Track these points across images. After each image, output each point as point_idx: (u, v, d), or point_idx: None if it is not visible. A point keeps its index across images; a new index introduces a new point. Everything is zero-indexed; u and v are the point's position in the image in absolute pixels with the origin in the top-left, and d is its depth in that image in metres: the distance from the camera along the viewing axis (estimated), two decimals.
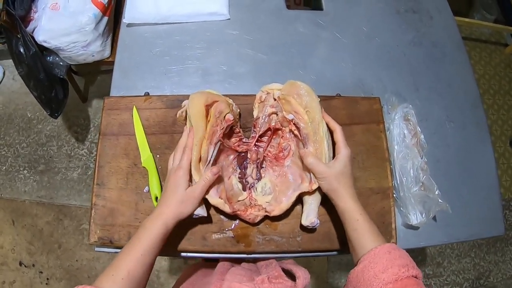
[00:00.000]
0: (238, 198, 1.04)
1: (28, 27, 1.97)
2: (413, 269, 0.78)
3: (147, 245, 0.86)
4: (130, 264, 0.83)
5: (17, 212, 2.74)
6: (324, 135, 1.00)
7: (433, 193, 1.17)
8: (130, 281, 0.82)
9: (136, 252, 0.85)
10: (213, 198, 0.99)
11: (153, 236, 0.88)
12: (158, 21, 1.44)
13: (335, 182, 0.95)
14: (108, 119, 1.18)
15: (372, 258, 0.81)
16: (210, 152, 0.99)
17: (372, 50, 1.49)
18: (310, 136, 1.00)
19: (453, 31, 1.59)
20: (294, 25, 1.50)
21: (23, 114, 2.99)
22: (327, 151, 1.00)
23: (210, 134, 0.99)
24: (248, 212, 1.02)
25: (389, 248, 0.82)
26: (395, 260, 0.79)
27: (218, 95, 1.08)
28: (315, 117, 1.01)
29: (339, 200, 0.94)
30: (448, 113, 1.40)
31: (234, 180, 1.06)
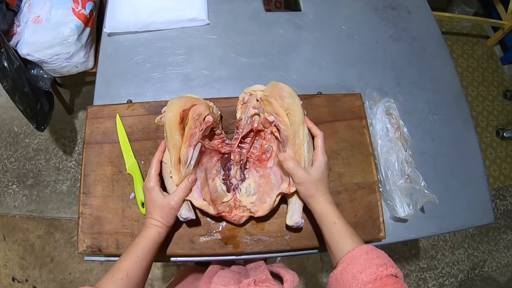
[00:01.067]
0: (223, 200, 1.05)
1: (12, 41, 1.96)
2: (391, 267, 0.78)
3: (143, 249, 0.92)
4: (129, 265, 0.88)
5: (7, 228, 2.72)
6: (304, 138, 1.00)
7: (419, 185, 1.18)
8: (129, 281, 0.87)
9: (134, 254, 0.90)
10: (197, 200, 0.99)
11: (147, 241, 0.94)
12: (138, 29, 1.44)
13: (313, 188, 0.96)
14: (91, 127, 1.18)
15: (350, 260, 0.82)
16: (190, 154, 0.99)
17: (352, 47, 1.50)
18: (290, 139, 1.00)
19: (432, 25, 1.61)
20: (273, 27, 1.51)
21: (10, 129, 2.97)
22: (307, 154, 1.00)
23: (188, 136, 0.99)
24: (233, 213, 1.03)
25: (366, 249, 0.83)
26: (373, 260, 0.79)
27: (197, 99, 1.08)
28: (295, 120, 1.01)
29: (316, 205, 0.96)
30: (431, 106, 1.41)
31: (218, 182, 1.07)
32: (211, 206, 1.00)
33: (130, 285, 0.87)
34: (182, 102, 1.03)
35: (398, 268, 0.80)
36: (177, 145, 0.98)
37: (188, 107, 1.03)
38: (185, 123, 1.01)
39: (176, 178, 0.98)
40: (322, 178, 0.98)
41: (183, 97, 1.07)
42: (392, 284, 0.74)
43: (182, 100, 1.04)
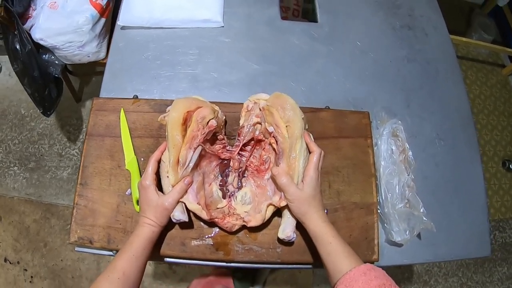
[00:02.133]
0: (217, 206, 1.04)
1: (26, 24, 1.96)
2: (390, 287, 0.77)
3: (138, 247, 0.92)
4: (125, 264, 0.89)
5: (4, 208, 2.72)
6: (301, 153, 0.98)
7: (418, 211, 1.16)
8: (126, 280, 0.87)
9: (129, 253, 0.91)
10: (191, 203, 0.99)
11: (141, 240, 0.94)
12: (151, 25, 1.44)
13: (305, 205, 0.95)
14: (95, 119, 1.18)
15: (348, 282, 0.80)
16: (189, 156, 0.98)
17: (365, 64, 1.48)
18: (285, 152, 0.99)
19: (448, 49, 1.59)
20: (288, 36, 1.50)
21: (17, 111, 2.98)
22: (301, 169, 0.98)
23: (189, 138, 0.99)
24: (226, 220, 1.02)
25: (364, 270, 0.81)
26: (371, 282, 0.78)
27: (203, 101, 1.08)
28: (294, 133, 0.99)
29: (310, 224, 0.94)
30: (438, 131, 1.40)
31: (214, 187, 1.06)
32: (204, 211, 0.99)
33: (127, 284, 0.87)
34: (187, 103, 1.03)
35: (397, 286, 0.79)
36: (177, 145, 0.97)
37: (193, 108, 1.02)
38: (188, 124, 1.01)
39: (173, 178, 0.97)
40: (315, 194, 0.96)
41: (189, 98, 1.07)
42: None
43: (188, 101, 1.04)
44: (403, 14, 1.63)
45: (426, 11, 1.66)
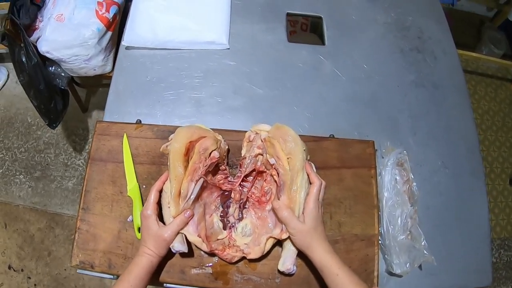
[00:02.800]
0: (218, 237, 1.03)
1: (32, 36, 1.97)
2: None
3: (135, 277, 0.93)
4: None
5: (10, 216, 2.73)
6: (302, 186, 0.97)
7: (419, 244, 1.15)
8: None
9: (127, 283, 0.92)
10: (192, 235, 0.98)
11: (140, 270, 0.94)
12: (156, 46, 1.44)
13: (308, 238, 0.94)
14: (98, 144, 1.18)
15: None
16: (191, 189, 0.98)
17: (371, 89, 1.47)
18: (287, 184, 0.98)
19: (457, 73, 1.57)
20: (293, 58, 1.49)
21: (24, 119, 2.99)
22: (302, 201, 0.97)
23: (191, 170, 0.98)
24: (226, 252, 1.02)
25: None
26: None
27: (206, 131, 1.07)
28: (295, 165, 0.99)
29: (315, 255, 0.94)
30: (443, 159, 1.38)
31: (215, 218, 1.06)
32: (205, 243, 0.99)
33: None
34: (189, 133, 1.02)
35: None
36: (179, 177, 0.97)
37: (195, 139, 1.02)
38: (190, 155, 1.01)
39: (174, 210, 0.97)
40: (316, 226, 0.96)
41: (191, 127, 1.06)
42: None
43: (190, 131, 1.03)
44: (412, 36, 1.62)
45: (435, 33, 1.64)
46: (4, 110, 3.01)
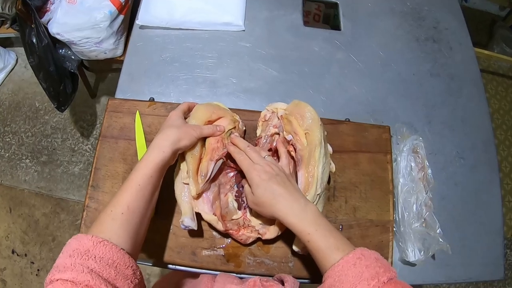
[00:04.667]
0: (233, 217, 1.01)
1: (43, 18, 1.96)
2: (383, 275, 0.70)
3: (145, 174, 0.83)
4: (129, 197, 0.80)
5: (15, 200, 2.73)
6: (320, 160, 0.95)
7: (434, 231, 1.13)
8: (131, 215, 0.78)
9: (134, 183, 0.82)
10: (207, 214, 0.96)
11: (149, 165, 0.85)
12: (171, 26, 1.42)
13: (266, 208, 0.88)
14: (109, 121, 1.15)
15: (338, 276, 0.72)
16: (210, 168, 0.96)
17: (387, 76, 1.45)
18: (304, 159, 0.96)
19: (472, 65, 1.55)
20: (309, 43, 1.47)
21: (31, 104, 2.99)
22: (320, 175, 0.95)
23: (209, 150, 0.97)
24: (241, 232, 0.99)
25: (353, 260, 0.73)
26: (363, 274, 0.70)
27: (225, 110, 1.06)
28: (313, 140, 0.97)
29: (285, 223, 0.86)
30: (459, 150, 1.36)
31: (230, 197, 1.03)
32: (220, 222, 0.97)
33: (132, 219, 0.78)
34: (209, 112, 1.01)
35: (392, 268, 0.73)
36: (195, 156, 0.95)
37: (214, 118, 1.02)
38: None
39: (193, 189, 0.94)
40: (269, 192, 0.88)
41: (211, 105, 1.05)
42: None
43: (210, 110, 1.02)
44: (428, 26, 1.60)
45: (451, 24, 1.62)
46: (12, 94, 3.01)
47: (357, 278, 0.70)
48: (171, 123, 0.95)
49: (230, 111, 1.08)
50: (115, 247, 0.70)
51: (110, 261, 0.68)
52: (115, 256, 0.69)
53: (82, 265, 0.64)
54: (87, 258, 0.66)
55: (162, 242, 1.03)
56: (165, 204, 1.03)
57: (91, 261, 0.66)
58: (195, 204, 0.96)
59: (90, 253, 0.67)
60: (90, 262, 0.65)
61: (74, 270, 0.63)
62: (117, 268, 0.68)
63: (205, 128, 0.96)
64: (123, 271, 0.69)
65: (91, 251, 0.67)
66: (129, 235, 0.77)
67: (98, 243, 0.69)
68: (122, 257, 0.70)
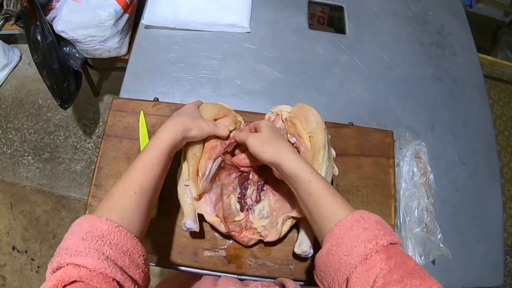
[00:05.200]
0: (235, 218, 1.01)
1: (48, 15, 1.97)
2: (383, 238, 0.67)
3: (158, 154, 0.82)
4: (142, 176, 0.78)
5: (16, 197, 2.73)
6: (324, 163, 0.95)
7: (435, 237, 1.14)
8: (143, 194, 0.77)
9: (147, 163, 0.80)
10: (210, 215, 0.96)
11: (163, 145, 0.84)
12: (176, 26, 1.42)
13: (272, 146, 0.87)
14: (113, 120, 1.15)
15: (335, 240, 0.70)
16: (208, 167, 0.96)
17: (391, 80, 1.45)
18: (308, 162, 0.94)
19: (475, 70, 1.55)
20: (313, 45, 1.48)
21: (34, 100, 2.99)
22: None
23: (208, 148, 0.97)
24: (243, 234, 0.99)
25: (351, 223, 0.71)
26: (360, 236, 0.68)
27: (229, 111, 1.07)
28: (317, 143, 0.96)
29: (284, 163, 0.84)
30: (461, 155, 1.36)
31: (233, 199, 1.03)
32: (223, 224, 0.97)
33: (144, 199, 0.77)
34: (215, 111, 1.02)
35: (393, 233, 0.70)
36: (197, 156, 0.96)
37: (220, 117, 1.02)
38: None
39: (194, 190, 0.94)
40: (275, 135, 0.90)
41: (216, 105, 1.06)
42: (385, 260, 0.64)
43: (216, 109, 1.03)
44: (432, 31, 1.60)
45: (455, 29, 1.62)
46: (15, 91, 3.01)
47: (353, 241, 0.68)
48: (186, 112, 0.95)
49: (233, 111, 1.09)
50: (130, 234, 0.69)
51: (124, 249, 0.66)
52: (129, 243, 0.68)
53: (97, 250, 0.62)
54: (102, 243, 0.63)
55: (163, 242, 1.03)
56: (167, 204, 1.04)
57: (106, 247, 0.63)
58: (197, 205, 0.96)
59: (105, 238, 0.64)
60: (106, 248, 0.63)
61: (89, 255, 0.60)
62: (131, 256, 0.67)
63: (220, 127, 0.96)
64: (136, 259, 0.68)
65: (106, 236, 0.65)
66: (140, 218, 0.75)
67: (114, 228, 0.67)
68: (136, 245, 0.69)
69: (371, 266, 0.64)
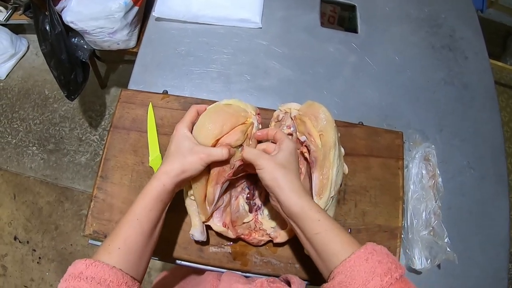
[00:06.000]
0: (244, 220, 1.00)
1: (57, 6, 1.96)
2: (395, 271, 0.67)
3: (144, 208, 0.80)
4: (127, 231, 0.77)
5: (19, 187, 2.74)
6: (335, 161, 0.93)
7: (442, 240, 1.12)
8: (127, 251, 0.75)
9: (133, 217, 0.78)
10: (217, 225, 0.96)
11: (148, 197, 0.81)
12: (187, 19, 1.41)
13: (278, 172, 0.82)
14: (122, 112, 1.15)
15: (349, 272, 0.69)
16: (216, 193, 0.92)
17: (401, 82, 1.44)
18: (318, 161, 0.93)
19: (486, 75, 1.53)
20: (325, 44, 1.46)
21: (41, 91, 2.99)
22: (335, 177, 0.93)
23: (214, 174, 0.91)
24: (252, 236, 0.99)
25: (365, 255, 0.70)
26: (376, 269, 0.68)
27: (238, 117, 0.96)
28: (327, 141, 0.94)
29: (288, 197, 0.80)
30: (469, 160, 1.35)
31: (241, 200, 1.02)
32: (230, 230, 0.96)
33: (129, 256, 0.75)
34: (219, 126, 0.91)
35: (401, 265, 0.70)
36: (202, 184, 0.91)
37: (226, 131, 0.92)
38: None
39: (203, 216, 0.94)
40: (291, 161, 0.85)
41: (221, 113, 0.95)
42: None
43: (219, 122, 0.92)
44: (444, 34, 1.58)
45: (467, 33, 1.61)
46: (21, 81, 3.01)
47: (370, 274, 0.67)
48: (176, 147, 0.87)
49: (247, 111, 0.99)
50: (107, 266, 0.70)
51: (101, 280, 0.68)
52: (107, 274, 0.69)
53: (74, 287, 0.67)
54: (79, 280, 0.68)
55: (169, 237, 1.02)
56: (174, 199, 1.03)
57: (82, 282, 0.67)
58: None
59: (83, 275, 0.68)
60: (82, 284, 0.67)
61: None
62: (109, 286, 0.69)
63: (213, 153, 0.86)
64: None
65: (83, 273, 0.69)
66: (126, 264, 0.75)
67: (90, 264, 0.70)
68: (114, 274, 0.70)
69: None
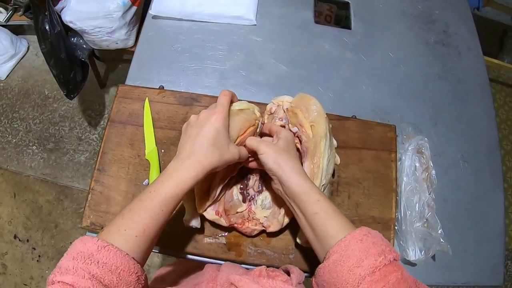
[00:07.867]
0: (237, 210, 1.01)
1: (57, 5, 1.98)
2: (389, 253, 0.69)
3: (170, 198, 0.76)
4: (147, 221, 0.73)
5: (19, 186, 2.75)
6: (326, 151, 0.95)
7: (435, 232, 1.14)
8: (145, 241, 0.73)
9: (157, 207, 0.75)
10: (210, 214, 0.97)
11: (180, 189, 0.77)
12: (183, 17, 1.43)
13: (279, 158, 0.84)
14: (119, 106, 1.17)
15: (344, 251, 0.71)
16: (219, 190, 0.95)
17: (395, 77, 1.46)
18: (309, 151, 0.95)
19: (480, 71, 1.55)
20: (319, 40, 1.48)
21: (41, 91, 3.00)
22: (325, 167, 0.94)
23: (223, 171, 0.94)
24: (245, 225, 1.00)
25: (360, 236, 0.72)
26: (370, 249, 0.69)
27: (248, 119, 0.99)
28: (318, 132, 0.95)
29: (290, 178, 0.82)
30: (463, 153, 1.36)
31: (235, 190, 1.03)
32: (223, 219, 0.97)
33: (144, 245, 0.73)
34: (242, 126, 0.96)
35: (395, 250, 0.71)
36: (206, 177, 0.92)
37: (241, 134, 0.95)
38: None
39: (200, 208, 0.95)
40: (288, 149, 0.88)
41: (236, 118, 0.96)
42: (392, 272, 0.66)
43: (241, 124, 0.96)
44: (438, 29, 1.60)
45: (461, 29, 1.62)
46: (22, 81, 3.03)
47: (364, 253, 0.69)
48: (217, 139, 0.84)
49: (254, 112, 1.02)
50: (120, 252, 0.67)
51: (113, 267, 0.66)
52: (119, 262, 0.67)
53: (84, 269, 0.63)
54: (90, 262, 0.64)
55: (165, 228, 1.03)
56: None
57: (93, 266, 0.64)
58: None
59: (94, 257, 0.65)
60: (92, 267, 0.64)
61: (76, 274, 0.62)
62: (120, 274, 0.66)
63: (243, 155, 0.89)
64: (126, 277, 0.67)
65: (94, 255, 0.65)
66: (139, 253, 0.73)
67: (103, 247, 0.66)
68: (127, 263, 0.68)
69: (381, 278, 0.66)
